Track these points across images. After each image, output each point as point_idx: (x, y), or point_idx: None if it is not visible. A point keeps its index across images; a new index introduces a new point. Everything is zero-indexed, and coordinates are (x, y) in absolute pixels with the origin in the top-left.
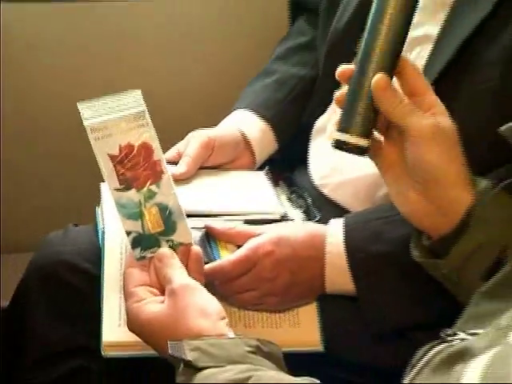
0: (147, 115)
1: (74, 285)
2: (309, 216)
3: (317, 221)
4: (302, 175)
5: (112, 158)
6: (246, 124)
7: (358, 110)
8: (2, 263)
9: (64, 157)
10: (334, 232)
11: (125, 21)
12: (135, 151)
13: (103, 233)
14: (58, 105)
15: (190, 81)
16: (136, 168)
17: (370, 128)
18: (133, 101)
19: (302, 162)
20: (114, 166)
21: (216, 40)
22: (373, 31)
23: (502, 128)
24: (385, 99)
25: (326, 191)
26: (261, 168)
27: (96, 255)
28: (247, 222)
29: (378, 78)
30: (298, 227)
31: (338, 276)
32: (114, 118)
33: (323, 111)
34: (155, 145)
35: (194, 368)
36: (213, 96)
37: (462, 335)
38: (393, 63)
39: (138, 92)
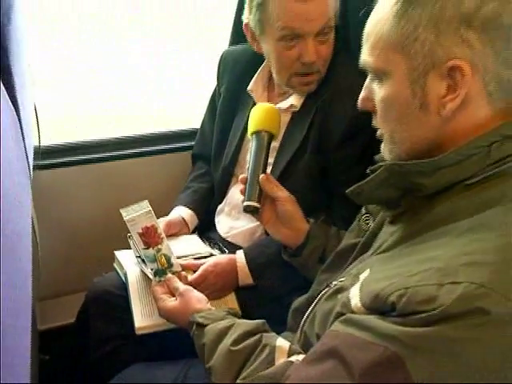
0: (152, 212)
1: (112, 302)
2: (222, 252)
3: (228, 253)
4: (213, 233)
5: (139, 234)
6: (183, 212)
7: (254, 189)
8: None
9: (87, 239)
10: (240, 256)
11: (125, 175)
12: (149, 230)
13: (125, 274)
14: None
15: (160, 200)
16: (150, 237)
17: (260, 198)
18: (145, 206)
19: (212, 227)
20: (141, 237)
21: (164, 189)
22: (253, 161)
23: (347, 190)
24: (267, 185)
25: (229, 239)
26: (193, 233)
27: (121, 285)
28: (195, 258)
29: (262, 178)
30: (222, 257)
31: (245, 277)
32: (137, 215)
33: (219, 203)
34: (158, 225)
35: (202, 326)
36: (164, 203)
37: (334, 283)
38: (265, 170)
39: (146, 201)
